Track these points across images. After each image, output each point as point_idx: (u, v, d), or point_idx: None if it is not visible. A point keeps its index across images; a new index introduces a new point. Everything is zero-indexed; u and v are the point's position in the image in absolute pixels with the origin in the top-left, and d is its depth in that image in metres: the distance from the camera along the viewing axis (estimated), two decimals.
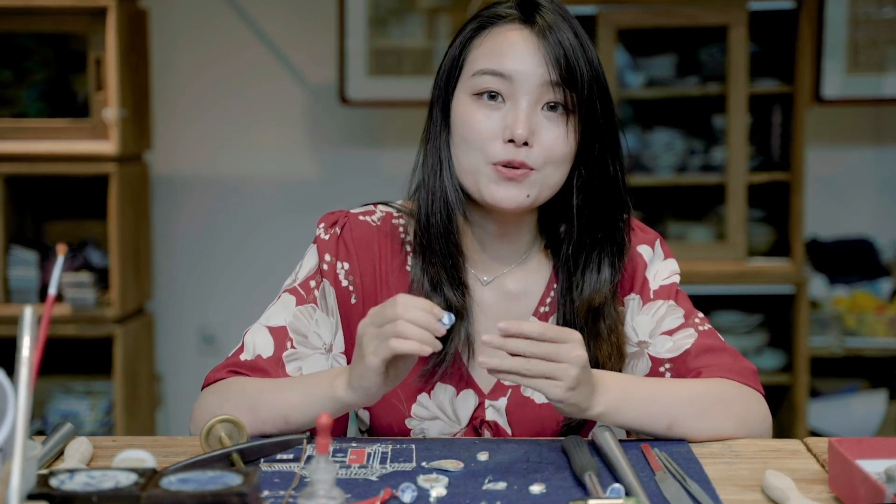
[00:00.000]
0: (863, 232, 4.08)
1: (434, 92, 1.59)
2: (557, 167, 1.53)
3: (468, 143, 1.52)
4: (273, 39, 4.10)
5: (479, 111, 1.51)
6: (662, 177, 3.84)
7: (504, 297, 1.61)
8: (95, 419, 3.71)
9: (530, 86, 1.50)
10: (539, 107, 1.51)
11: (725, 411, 1.51)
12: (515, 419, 1.58)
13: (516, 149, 1.50)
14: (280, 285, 1.64)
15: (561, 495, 1.29)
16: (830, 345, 3.86)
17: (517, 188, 1.51)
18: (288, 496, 1.28)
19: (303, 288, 1.60)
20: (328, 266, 1.60)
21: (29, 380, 1.08)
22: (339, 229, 1.62)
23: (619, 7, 3.71)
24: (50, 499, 1.14)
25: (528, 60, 1.50)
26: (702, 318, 1.62)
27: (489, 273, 1.62)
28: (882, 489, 1.16)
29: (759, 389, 1.56)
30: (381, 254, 1.61)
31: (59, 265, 1.24)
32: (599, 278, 1.58)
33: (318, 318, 1.59)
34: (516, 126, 1.49)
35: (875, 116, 4.11)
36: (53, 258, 3.68)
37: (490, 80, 1.51)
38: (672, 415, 1.48)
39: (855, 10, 3.83)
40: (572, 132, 1.52)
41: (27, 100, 3.78)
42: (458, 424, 1.59)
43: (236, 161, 4.14)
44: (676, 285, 1.63)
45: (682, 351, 1.58)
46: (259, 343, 1.57)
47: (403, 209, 1.65)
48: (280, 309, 1.59)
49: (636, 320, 1.61)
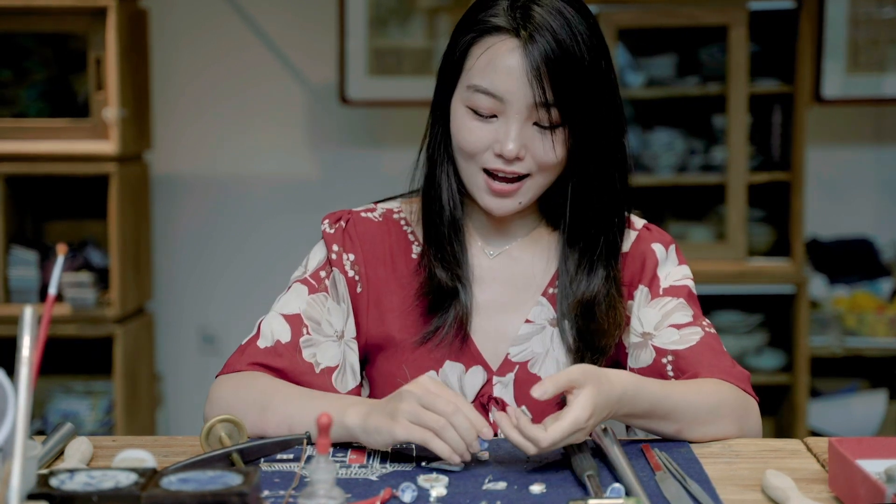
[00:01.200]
0: (863, 232, 4.08)
1: (436, 87, 1.63)
2: (548, 173, 1.58)
3: (462, 151, 1.58)
4: (273, 39, 4.10)
5: (473, 122, 1.56)
6: (662, 177, 3.84)
7: (512, 264, 1.66)
8: (95, 419, 3.71)
9: (520, 106, 1.53)
10: (530, 122, 1.54)
11: (730, 414, 1.52)
12: (522, 396, 1.61)
13: (507, 162, 1.55)
14: (280, 285, 1.66)
15: (561, 495, 1.29)
16: (830, 345, 3.86)
17: (509, 199, 1.58)
18: (288, 496, 1.28)
19: (313, 278, 1.63)
20: (336, 256, 1.64)
21: (29, 380, 1.08)
22: (343, 223, 1.67)
23: (619, 7, 3.71)
24: (50, 499, 1.14)
25: (516, 82, 1.52)
26: (709, 324, 1.65)
27: (495, 248, 1.67)
28: (882, 489, 1.16)
29: (754, 395, 1.59)
30: (386, 245, 1.66)
31: (60, 265, 1.24)
32: (591, 278, 1.61)
33: (330, 306, 1.62)
34: (506, 143, 1.53)
35: (875, 116, 4.11)
36: (53, 258, 3.68)
37: (483, 98, 1.54)
38: (679, 416, 1.48)
39: (855, 9, 3.83)
40: (562, 143, 1.55)
41: (27, 100, 3.78)
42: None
43: (236, 161, 4.14)
44: (689, 289, 1.66)
45: (687, 346, 1.59)
46: (276, 329, 1.59)
47: (405, 200, 1.71)
48: (293, 297, 1.62)
49: (642, 311, 1.63)
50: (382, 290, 1.64)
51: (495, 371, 1.62)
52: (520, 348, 1.63)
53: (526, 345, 1.63)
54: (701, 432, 1.50)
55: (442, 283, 1.60)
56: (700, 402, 1.50)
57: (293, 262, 1.68)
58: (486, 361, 1.62)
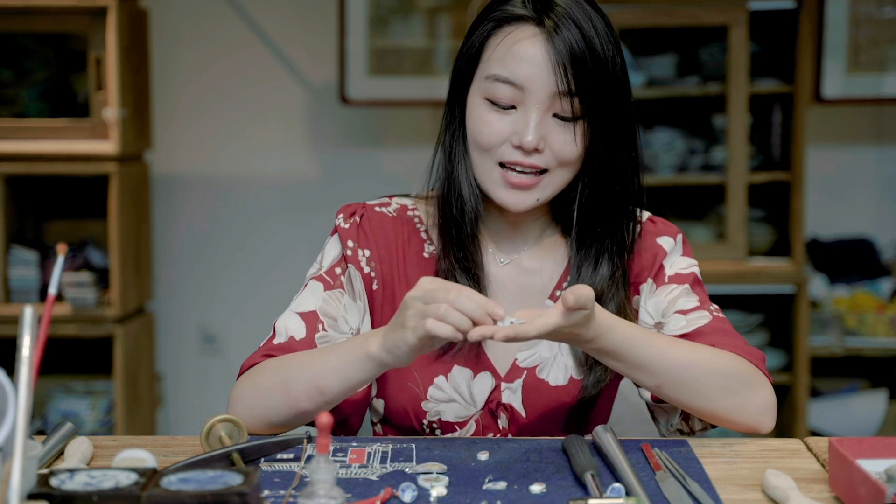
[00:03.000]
0: (863, 232, 4.08)
1: (451, 83, 1.61)
2: (567, 169, 1.55)
3: (479, 145, 1.55)
4: (273, 39, 4.10)
5: (490, 115, 1.53)
6: (663, 176, 3.84)
7: (521, 274, 1.64)
8: (96, 419, 3.70)
9: (541, 95, 1.51)
10: (550, 114, 1.52)
11: (725, 386, 1.47)
12: (530, 401, 1.60)
13: (525, 153, 1.52)
14: (280, 283, 1.67)
15: (561, 495, 1.29)
16: (831, 344, 3.86)
17: (525, 194, 1.55)
18: (288, 496, 1.28)
19: (329, 275, 1.62)
20: (352, 252, 1.62)
21: (29, 379, 1.08)
22: (358, 218, 1.65)
23: (619, 7, 3.70)
24: (50, 498, 1.14)
25: (538, 70, 1.50)
26: (716, 308, 1.62)
27: (506, 255, 1.65)
28: (882, 489, 1.16)
29: (768, 375, 1.53)
30: (398, 242, 1.64)
31: (60, 265, 1.25)
32: (596, 274, 1.60)
33: (346, 303, 1.61)
34: (525, 134, 1.51)
35: (875, 116, 4.11)
36: (54, 258, 3.68)
37: (502, 87, 1.52)
38: (656, 370, 1.45)
39: (855, 9, 3.83)
40: (581, 136, 1.53)
41: (27, 99, 3.78)
42: (474, 407, 1.60)
43: (236, 161, 4.14)
44: (694, 275, 1.64)
45: (695, 328, 1.56)
46: (291, 327, 1.58)
47: (419, 199, 1.69)
48: (309, 295, 1.61)
49: (649, 303, 1.62)
50: (396, 288, 1.62)
51: (503, 377, 1.61)
52: (528, 353, 1.62)
53: (534, 350, 1.62)
54: (685, 397, 1.46)
55: None
56: (687, 363, 1.45)
57: (294, 262, 1.68)
58: (495, 367, 1.61)
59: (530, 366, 1.61)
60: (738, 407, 1.48)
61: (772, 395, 1.51)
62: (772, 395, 1.51)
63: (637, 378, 1.48)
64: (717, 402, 1.47)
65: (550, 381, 1.60)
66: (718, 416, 1.49)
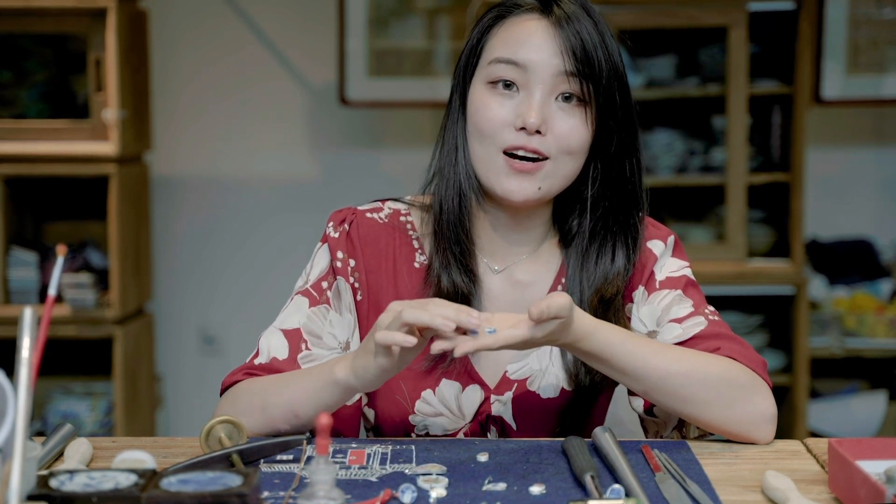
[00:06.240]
0: (863, 232, 4.08)
1: (453, 80, 1.60)
2: (572, 157, 1.53)
3: (481, 132, 1.53)
4: (273, 39, 4.10)
5: (493, 99, 1.52)
6: (662, 177, 3.84)
7: (513, 286, 1.61)
8: (95, 420, 3.70)
9: (545, 75, 1.50)
10: (553, 97, 1.51)
11: (717, 394, 1.44)
12: (520, 413, 1.58)
13: (528, 136, 1.50)
14: (280, 284, 1.65)
15: (561, 496, 1.29)
16: (830, 345, 3.86)
17: (528, 181, 1.51)
18: (288, 497, 1.28)
19: (315, 289, 1.60)
20: (341, 263, 1.60)
21: (29, 380, 1.08)
22: (347, 226, 1.62)
23: (619, 7, 3.71)
24: (50, 499, 1.14)
25: (543, 50, 1.50)
26: (712, 311, 1.58)
27: (500, 262, 1.62)
28: (882, 490, 1.16)
29: (768, 382, 1.49)
30: (388, 251, 1.61)
31: (59, 266, 1.24)
32: (613, 268, 1.57)
33: (332, 318, 1.59)
34: (528, 115, 1.49)
35: (875, 117, 4.11)
36: (53, 259, 3.68)
37: (505, 68, 1.51)
38: (640, 377, 1.44)
39: (855, 10, 3.83)
40: (588, 122, 1.52)
41: (27, 100, 3.78)
42: (463, 420, 1.58)
43: (236, 161, 4.14)
44: (686, 278, 1.60)
45: (691, 336, 1.53)
46: (274, 346, 1.57)
47: (413, 203, 1.66)
48: (293, 311, 1.59)
49: (642, 311, 1.59)
50: (382, 298, 1.59)
51: (493, 389, 1.58)
52: (518, 365, 1.59)
53: (524, 361, 1.59)
54: (675, 405, 1.45)
55: (458, 288, 1.56)
56: (673, 371, 1.43)
57: (293, 263, 1.67)
58: (483, 380, 1.58)
59: (521, 378, 1.58)
60: (731, 416, 1.46)
61: (771, 405, 1.47)
62: (771, 405, 1.47)
63: (624, 382, 1.47)
64: (709, 412, 1.45)
65: (541, 393, 1.58)
66: (711, 425, 1.47)
